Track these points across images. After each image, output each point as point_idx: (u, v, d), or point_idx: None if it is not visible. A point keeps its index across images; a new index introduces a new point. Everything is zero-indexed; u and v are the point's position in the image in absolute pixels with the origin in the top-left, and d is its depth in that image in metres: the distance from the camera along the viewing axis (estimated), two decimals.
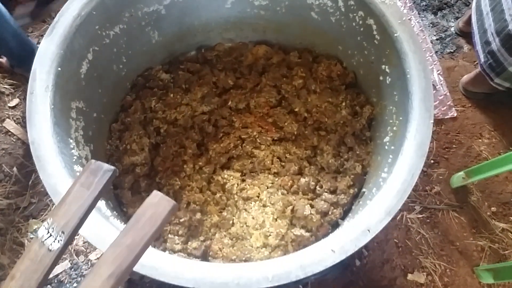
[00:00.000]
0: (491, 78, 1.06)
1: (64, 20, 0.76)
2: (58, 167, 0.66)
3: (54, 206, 0.40)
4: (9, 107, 1.10)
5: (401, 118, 0.77)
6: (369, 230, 0.63)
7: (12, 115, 1.09)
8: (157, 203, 0.39)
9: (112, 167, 0.40)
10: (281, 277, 0.60)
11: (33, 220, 0.97)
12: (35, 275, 0.36)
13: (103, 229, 0.62)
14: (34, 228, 0.96)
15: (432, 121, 0.69)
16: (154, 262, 0.59)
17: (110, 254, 0.37)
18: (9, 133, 1.07)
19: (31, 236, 0.96)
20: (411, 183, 0.65)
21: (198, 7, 1.00)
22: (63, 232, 0.37)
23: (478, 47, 1.07)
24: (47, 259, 0.36)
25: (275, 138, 1.01)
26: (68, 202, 0.39)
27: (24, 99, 1.10)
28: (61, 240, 0.37)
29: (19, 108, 1.10)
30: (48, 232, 0.37)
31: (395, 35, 0.78)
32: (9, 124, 1.07)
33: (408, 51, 0.75)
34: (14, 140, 1.06)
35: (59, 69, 0.74)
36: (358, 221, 0.64)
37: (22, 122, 1.08)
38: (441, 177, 1.09)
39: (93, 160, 0.41)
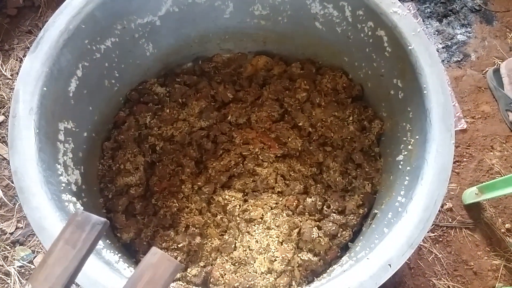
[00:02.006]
0: None
1: (50, 35, 0.70)
2: (44, 199, 0.59)
3: (33, 270, 0.33)
4: None
5: (417, 137, 0.72)
6: (390, 265, 0.57)
7: None
8: (156, 264, 0.33)
9: (103, 219, 0.34)
10: None
11: (20, 247, 0.90)
12: None
13: (94, 269, 0.56)
14: (21, 255, 0.89)
15: (454, 142, 0.64)
16: None
17: None
18: None
19: (19, 264, 0.89)
20: (434, 211, 0.60)
21: (195, 18, 0.94)
22: None
23: None
24: None
25: (278, 155, 0.96)
26: (50, 263, 0.32)
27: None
28: None
29: (4, 126, 1.03)
30: None
31: (409, 48, 0.72)
32: None
33: (424, 65, 0.70)
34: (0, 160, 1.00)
35: (45, 89, 0.67)
36: (378, 255, 0.59)
37: (7, 141, 1.01)
38: (452, 193, 1.04)
39: (79, 211, 0.34)
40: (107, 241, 0.74)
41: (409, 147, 0.75)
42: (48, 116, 0.68)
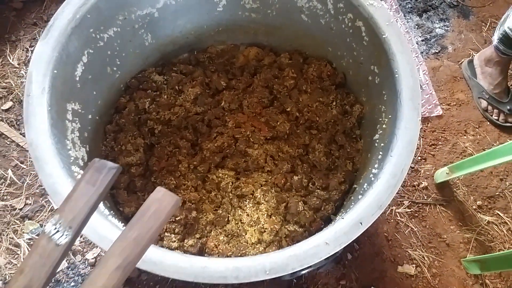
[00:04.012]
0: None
1: (59, 23, 0.77)
2: (57, 167, 0.67)
3: (58, 204, 0.41)
4: (2, 110, 1.10)
5: (390, 116, 0.80)
6: (361, 223, 0.65)
7: (6, 118, 1.09)
8: (161, 198, 0.41)
9: (116, 165, 0.42)
10: (277, 269, 0.62)
11: (29, 221, 0.97)
12: (43, 269, 0.37)
13: (102, 227, 0.64)
14: (30, 229, 0.96)
15: (420, 119, 0.72)
16: (154, 258, 0.61)
17: (117, 247, 0.38)
18: (3, 135, 1.07)
19: (28, 237, 0.96)
20: (401, 178, 0.68)
21: (190, 11, 1.02)
22: (70, 227, 0.39)
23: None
24: (55, 253, 0.38)
25: (268, 137, 1.03)
26: (74, 198, 0.40)
27: (18, 102, 1.11)
28: (68, 235, 0.38)
29: (12, 111, 1.10)
30: (56, 227, 0.39)
31: (383, 36, 0.80)
32: (3, 127, 1.07)
33: (396, 51, 0.78)
34: (8, 143, 1.06)
35: (55, 71, 0.75)
36: (351, 215, 0.67)
37: (15, 125, 1.08)
38: (428, 173, 1.13)
39: (97, 159, 0.42)
40: (112, 211, 0.81)
41: (384, 126, 0.83)
42: (57, 97, 0.75)
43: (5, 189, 1.01)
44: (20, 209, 0.98)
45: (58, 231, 0.38)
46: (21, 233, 0.96)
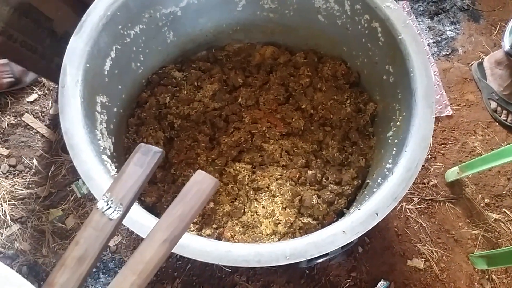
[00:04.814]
0: None
1: (91, 19, 0.82)
2: (90, 155, 0.71)
3: (111, 182, 0.45)
4: (28, 101, 1.15)
5: (404, 114, 0.84)
6: (377, 214, 0.69)
7: (31, 110, 1.13)
8: (201, 181, 0.45)
9: (160, 149, 0.46)
10: (297, 255, 0.65)
11: (53, 209, 1.02)
12: (97, 241, 0.41)
13: (135, 214, 0.68)
14: (54, 216, 1.00)
15: (434, 116, 0.76)
16: (182, 242, 0.65)
17: (163, 222, 0.42)
18: (28, 126, 1.11)
19: (51, 224, 1.00)
20: (415, 172, 0.72)
21: (211, 10, 1.05)
22: (121, 204, 0.43)
23: None
24: (108, 227, 0.42)
25: (283, 133, 1.07)
26: (124, 178, 0.44)
27: (43, 94, 1.15)
28: (119, 210, 0.42)
29: (37, 102, 1.14)
30: (108, 204, 0.43)
31: (399, 37, 0.84)
32: (28, 118, 1.12)
33: (411, 52, 0.82)
34: (33, 133, 1.11)
35: (87, 65, 0.79)
36: (367, 206, 0.70)
37: (40, 116, 1.13)
38: (437, 171, 1.16)
39: (142, 144, 0.46)
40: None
41: (397, 123, 0.87)
42: (89, 89, 0.79)
43: (30, 178, 1.05)
44: (45, 197, 1.03)
45: (110, 207, 0.42)
46: (45, 221, 1.00)
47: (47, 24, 0.98)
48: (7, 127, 1.11)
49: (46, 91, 1.17)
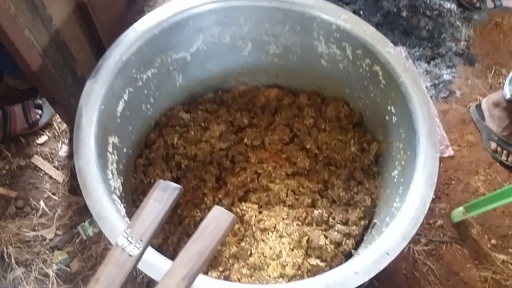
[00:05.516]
0: None
1: (107, 64, 0.86)
2: (103, 194, 0.72)
3: (131, 219, 0.45)
4: (37, 143, 1.17)
5: (408, 153, 0.86)
6: (388, 254, 0.69)
7: (40, 151, 1.15)
8: (219, 216, 0.46)
9: (179, 186, 0.47)
10: None
11: (58, 251, 1.01)
12: (118, 278, 0.42)
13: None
14: (59, 259, 0.99)
15: (439, 155, 0.78)
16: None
17: (183, 259, 0.43)
18: (37, 168, 1.12)
19: (56, 267, 0.99)
20: (423, 211, 0.73)
21: (219, 55, 1.11)
22: (141, 240, 0.43)
23: None
24: (128, 263, 0.42)
25: (289, 173, 1.08)
26: (144, 214, 0.45)
27: (53, 137, 1.18)
28: (139, 246, 0.43)
29: (47, 144, 1.16)
30: (128, 240, 0.43)
31: (400, 80, 0.88)
32: (37, 160, 1.13)
33: (412, 94, 0.85)
34: (41, 175, 1.12)
35: (102, 107, 0.82)
36: (377, 246, 0.70)
37: (49, 158, 1.14)
38: (443, 211, 1.16)
39: (161, 180, 0.48)
40: None
41: (402, 162, 0.89)
42: (102, 130, 0.82)
43: (36, 220, 1.05)
44: (51, 240, 1.02)
45: (130, 243, 0.43)
46: (50, 263, 0.98)
47: (71, 63, 1.03)
48: (15, 169, 1.13)
49: (56, 133, 1.20)
